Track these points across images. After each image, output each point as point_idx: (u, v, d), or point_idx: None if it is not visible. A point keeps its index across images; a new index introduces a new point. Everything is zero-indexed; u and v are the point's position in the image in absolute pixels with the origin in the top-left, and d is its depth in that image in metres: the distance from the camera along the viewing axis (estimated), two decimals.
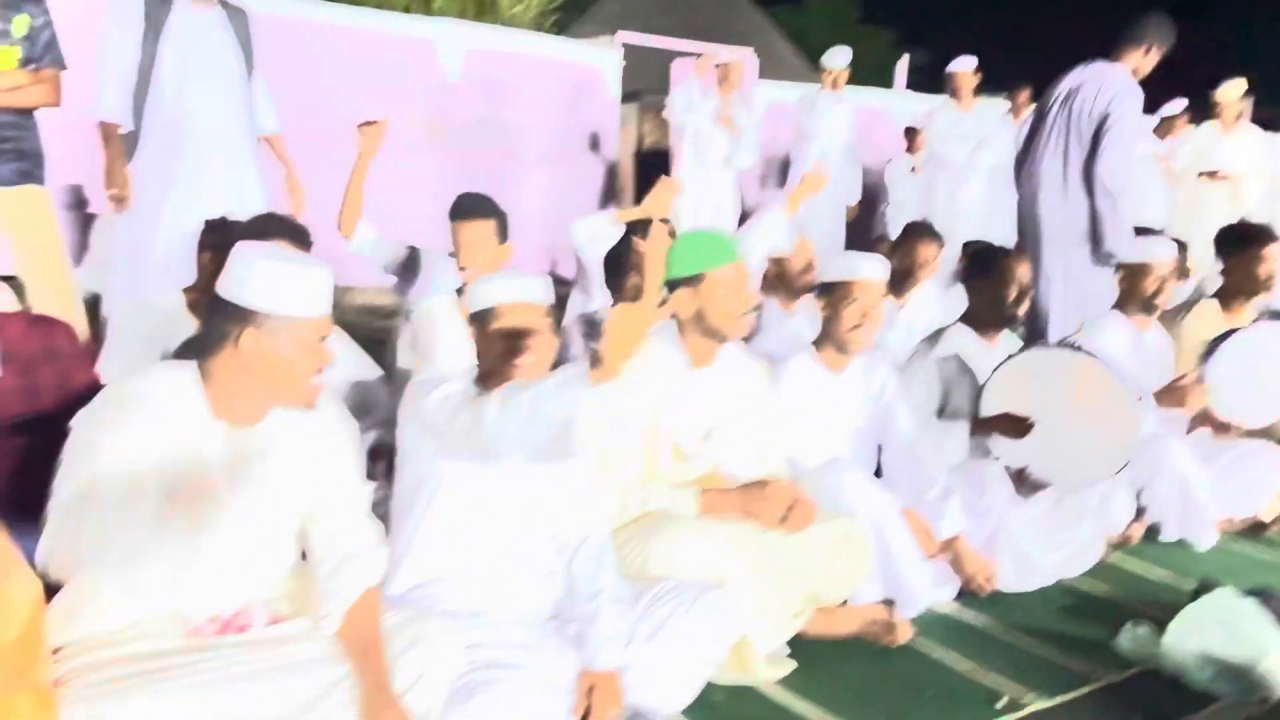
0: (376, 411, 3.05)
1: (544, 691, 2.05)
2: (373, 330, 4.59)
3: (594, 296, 3.89)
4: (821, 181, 3.81)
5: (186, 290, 3.04)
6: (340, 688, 1.83)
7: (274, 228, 2.94)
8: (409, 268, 3.72)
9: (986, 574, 2.99)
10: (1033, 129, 4.49)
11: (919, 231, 4.47)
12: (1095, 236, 4.17)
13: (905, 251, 4.34)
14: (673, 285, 2.62)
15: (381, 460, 2.73)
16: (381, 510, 2.22)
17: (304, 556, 2.04)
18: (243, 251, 1.86)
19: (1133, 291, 3.83)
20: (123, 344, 3.03)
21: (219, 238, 2.83)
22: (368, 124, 3.49)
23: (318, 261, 1.92)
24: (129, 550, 1.77)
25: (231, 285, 1.83)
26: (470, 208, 3.40)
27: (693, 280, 2.59)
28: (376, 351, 3.59)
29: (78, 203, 5.82)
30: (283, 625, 1.93)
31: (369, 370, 3.30)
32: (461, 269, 3.36)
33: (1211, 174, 7.47)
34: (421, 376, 2.28)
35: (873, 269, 3.02)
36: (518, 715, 1.96)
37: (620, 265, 3.31)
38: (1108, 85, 4.18)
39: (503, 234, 3.42)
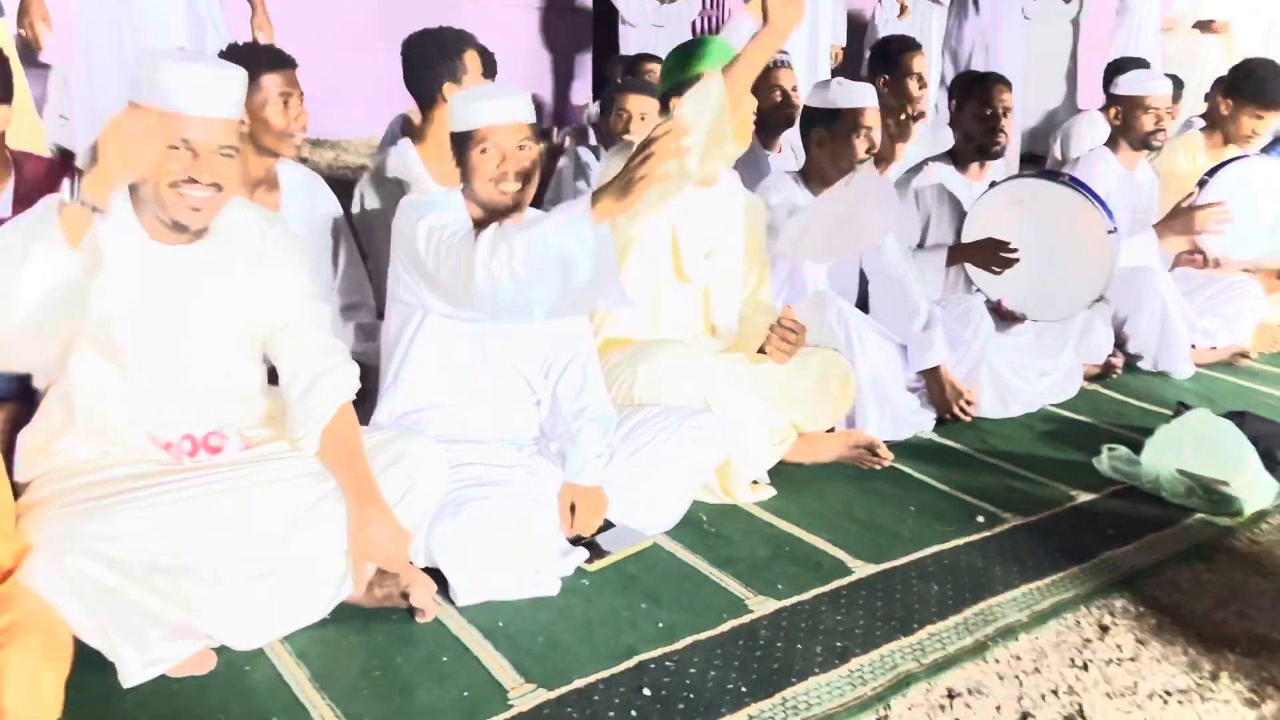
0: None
1: (530, 506, 2.07)
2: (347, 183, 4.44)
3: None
4: None
5: None
6: (327, 501, 1.83)
7: (252, 56, 2.54)
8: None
9: (967, 400, 3.02)
10: None
11: (904, 44, 3.95)
12: None
13: (897, 73, 3.83)
14: (666, 96, 2.49)
15: None
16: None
17: (275, 382, 1.99)
18: None
19: (1127, 126, 3.73)
20: None
21: None
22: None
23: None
24: (90, 375, 1.76)
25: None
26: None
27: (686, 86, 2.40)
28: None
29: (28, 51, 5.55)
30: (259, 448, 1.91)
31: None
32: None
33: (1206, 24, 7.22)
34: (412, 197, 2.15)
35: (873, 95, 2.99)
36: (505, 530, 1.97)
37: None
38: None
39: None
